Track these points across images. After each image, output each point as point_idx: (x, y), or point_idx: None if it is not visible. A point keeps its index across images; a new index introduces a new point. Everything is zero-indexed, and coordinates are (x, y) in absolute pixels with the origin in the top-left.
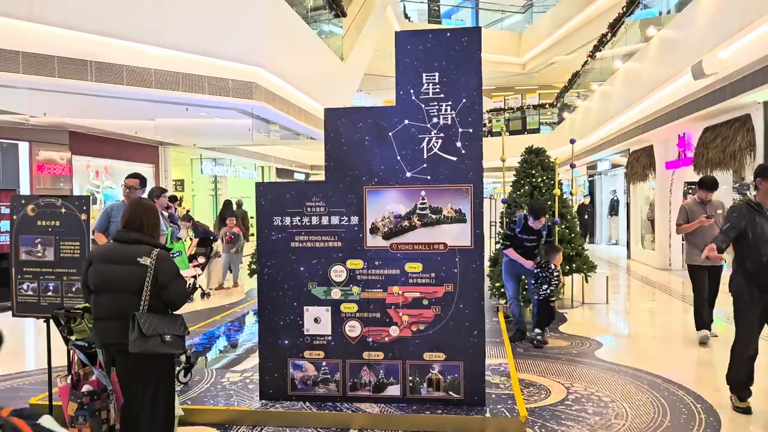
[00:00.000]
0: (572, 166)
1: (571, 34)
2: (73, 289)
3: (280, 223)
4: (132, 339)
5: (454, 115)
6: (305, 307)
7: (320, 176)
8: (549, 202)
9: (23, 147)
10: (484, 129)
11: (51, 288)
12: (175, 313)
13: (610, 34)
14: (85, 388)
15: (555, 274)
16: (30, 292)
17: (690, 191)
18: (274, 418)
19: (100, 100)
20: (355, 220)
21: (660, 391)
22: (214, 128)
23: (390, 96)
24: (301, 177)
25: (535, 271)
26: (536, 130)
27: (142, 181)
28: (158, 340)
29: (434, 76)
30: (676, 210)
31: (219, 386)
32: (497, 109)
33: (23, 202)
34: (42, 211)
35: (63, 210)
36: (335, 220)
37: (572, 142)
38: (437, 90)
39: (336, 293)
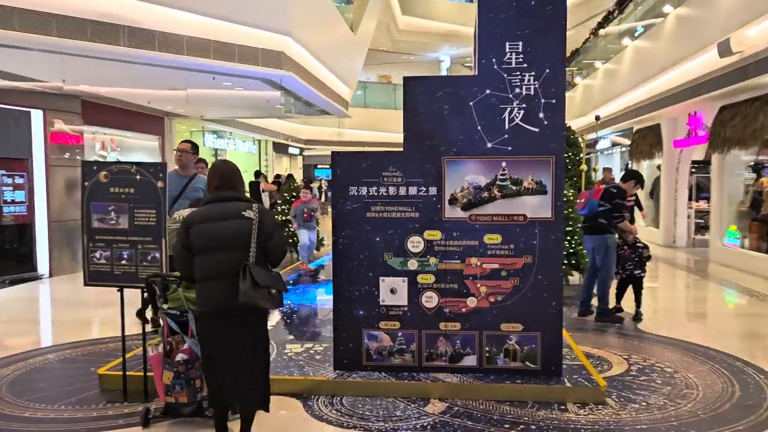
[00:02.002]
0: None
1: (569, 11)
2: (149, 258)
3: (355, 193)
4: (243, 289)
5: (537, 86)
6: (381, 278)
7: (314, 151)
8: (575, 178)
9: (36, 115)
10: None
11: (125, 256)
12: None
13: (617, 11)
14: (179, 356)
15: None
16: (102, 261)
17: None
18: (352, 388)
19: (129, 67)
20: (433, 190)
21: (718, 362)
22: (241, 100)
23: (384, 71)
24: (296, 152)
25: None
26: None
27: (194, 146)
28: (266, 293)
29: (517, 45)
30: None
31: (285, 357)
32: None
33: (95, 168)
34: (115, 178)
35: (138, 177)
36: (413, 190)
37: (597, 119)
38: (520, 59)
39: (413, 264)
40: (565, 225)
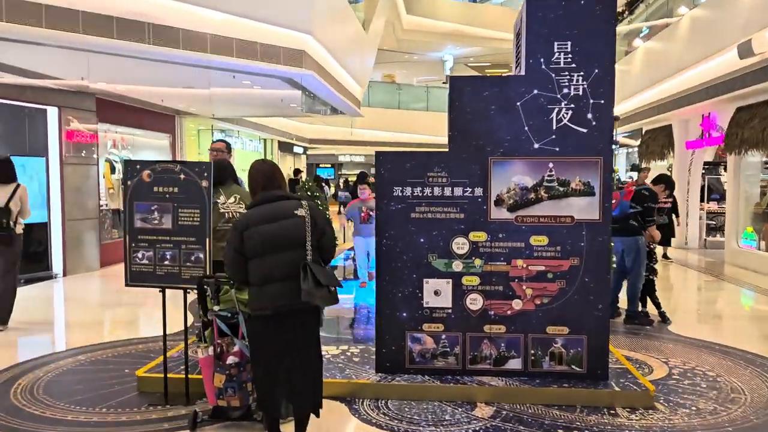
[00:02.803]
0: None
1: None
2: (192, 258)
3: (400, 194)
4: (306, 288)
5: (585, 86)
6: (425, 280)
7: (317, 151)
8: None
9: (52, 112)
10: None
11: (168, 257)
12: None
13: (627, 12)
14: (231, 359)
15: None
16: (145, 261)
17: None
18: (396, 391)
19: (149, 65)
20: (478, 191)
21: (759, 366)
22: (258, 99)
23: (387, 70)
24: (300, 151)
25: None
26: None
27: (228, 145)
28: (326, 291)
29: (566, 45)
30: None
31: (324, 360)
32: None
33: (138, 167)
34: (159, 177)
35: (182, 176)
36: (458, 191)
37: (616, 119)
38: (569, 59)
39: (457, 266)
40: (610, 227)
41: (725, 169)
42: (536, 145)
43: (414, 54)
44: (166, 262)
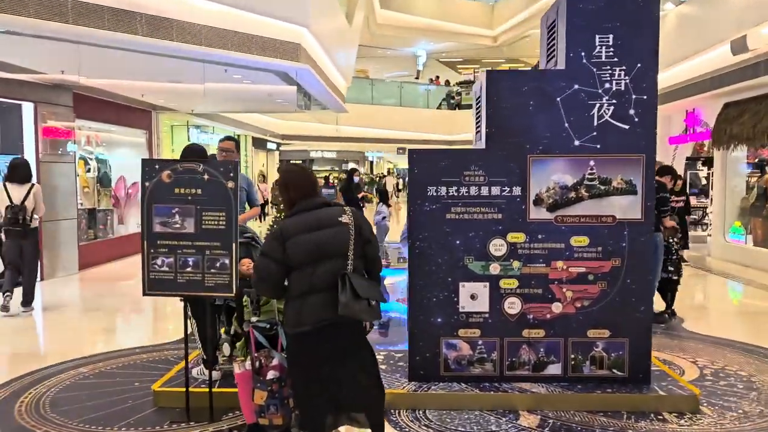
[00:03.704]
0: None
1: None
2: (217, 265)
3: (434, 194)
4: (343, 301)
5: (627, 81)
6: (461, 283)
7: (290, 147)
8: None
9: (27, 108)
10: (452, 102)
11: (190, 263)
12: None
13: None
14: (271, 374)
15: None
16: (165, 268)
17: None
18: (434, 401)
19: (141, 58)
20: (517, 190)
21: None
22: (249, 94)
23: (359, 65)
24: (273, 147)
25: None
26: None
27: (237, 144)
28: (365, 304)
29: (608, 38)
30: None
31: None
32: (467, 82)
33: (157, 167)
34: (180, 178)
35: (206, 177)
36: (495, 190)
37: None
38: (611, 53)
39: (495, 268)
40: (653, 227)
41: (703, 164)
42: (577, 142)
43: (387, 49)
44: (188, 269)
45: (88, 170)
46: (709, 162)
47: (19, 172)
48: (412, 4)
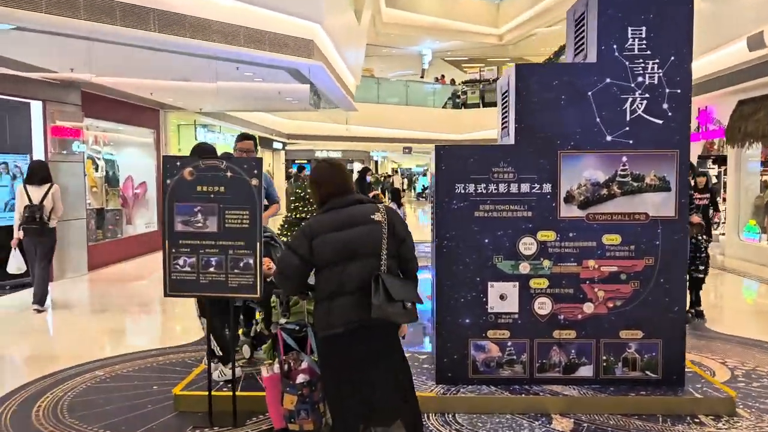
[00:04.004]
0: None
1: (557, 5)
2: (241, 265)
3: (462, 191)
4: (376, 303)
5: (661, 74)
6: (489, 283)
7: (296, 146)
8: None
9: (36, 107)
10: (458, 101)
11: (213, 263)
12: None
13: None
14: (301, 377)
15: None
16: (187, 268)
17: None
18: (463, 404)
19: (153, 55)
20: (547, 187)
21: None
22: (259, 92)
23: (366, 63)
24: (279, 146)
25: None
26: None
27: (255, 142)
28: (400, 307)
29: (641, 30)
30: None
31: None
32: (473, 81)
33: (178, 164)
34: (202, 175)
35: (229, 174)
36: (525, 187)
37: None
38: (643, 46)
39: (524, 267)
40: (687, 224)
41: (714, 162)
42: (609, 138)
43: (392, 48)
44: (211, 269)
45: (96, 170)
46: (720, 160)
47: (37, 174)
48: (418, 2)
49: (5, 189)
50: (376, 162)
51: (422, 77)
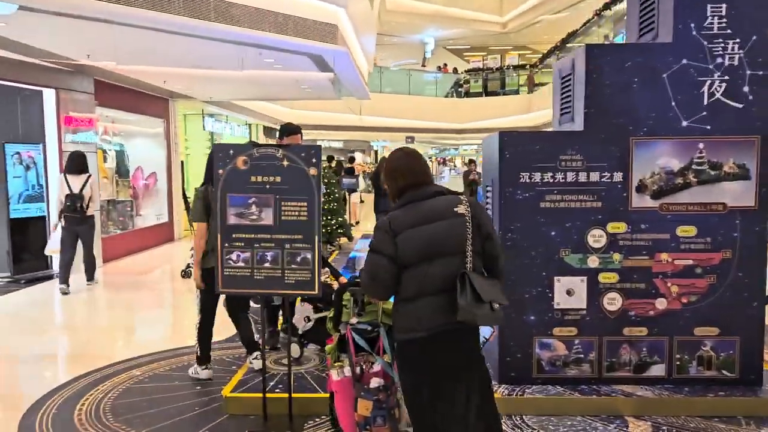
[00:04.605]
0: None
1: None
2: (298, 260)
3: (527, 180)
4: (463, 305)
5: (741, 55)
6: (556, 278)
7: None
8: None
9: (49, 95)
10: (460, 90)
11: (269, 258)
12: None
13: None
14: (375, 381)
15: None
16: (241, 264)
17: None
18: (531, 406)
19: (173, 41)
20: (618, 176)
21: None
22: (275, 80)
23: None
24: None
25: None
26: (515, 92)
27: (300, 133)
28: (488, 308)
29: (720, 8)
30: None
31: None
32: (476, 70)
33: (231, 152)
34: (257, 165)
35: (285, 163)
36: (594, 176)
37: None
38: (723, 25)
39: (593, 261)
40: None
41: None
42: (684, 123)
43: (394, 36)
44: (266, 265)
45: (106, 160)
46: None
47: (76, 164)
48: None
49: (18, 180)
50: (376, 152)
51: (424, 66)
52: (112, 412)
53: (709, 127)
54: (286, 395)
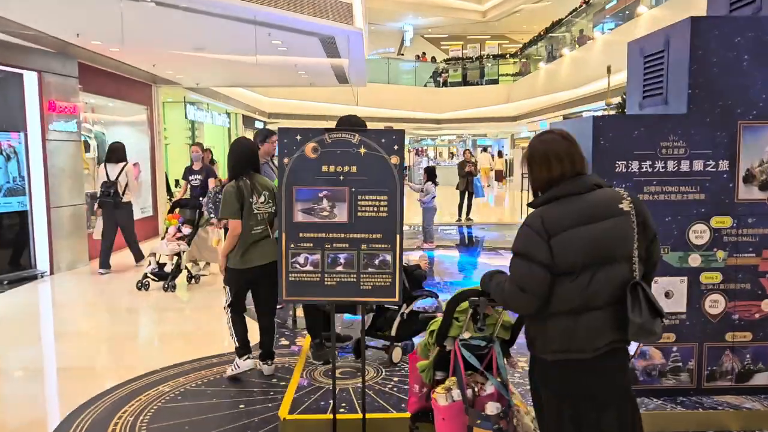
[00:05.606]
0: None
1: None
2: (376, 262)
3: (624, 170)
4: (638, 322)
5: None
6: (655, 278)
7: (277, 124)
8: None
9: (30, 78)
10: (439, 79)
11: (342, 260)
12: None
13: None
14: (492, 406)
15: None
16: (309, 267)
17: None
18: None
19: (187, 21)
20: (723, 165)
21: None
22: (274, 65)
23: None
24: (260, 125)
25: None
26: (495, 81)
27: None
28: (659, 323)
29: None
30: None
31: None
32: (455, 59)
33: (298, 138)
34: (329, 152)
35: (362, 150)
36: (697, 165)
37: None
38: None
39: (695, 260)
40: None
41: None
42: None
43: (371, 24)
44: (339, 268)
45: (87, 150)
46: None
47: (116, 154)
48: None
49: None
50: None
51: (402, 54)
52: None
53: None
54: (355, 416)
